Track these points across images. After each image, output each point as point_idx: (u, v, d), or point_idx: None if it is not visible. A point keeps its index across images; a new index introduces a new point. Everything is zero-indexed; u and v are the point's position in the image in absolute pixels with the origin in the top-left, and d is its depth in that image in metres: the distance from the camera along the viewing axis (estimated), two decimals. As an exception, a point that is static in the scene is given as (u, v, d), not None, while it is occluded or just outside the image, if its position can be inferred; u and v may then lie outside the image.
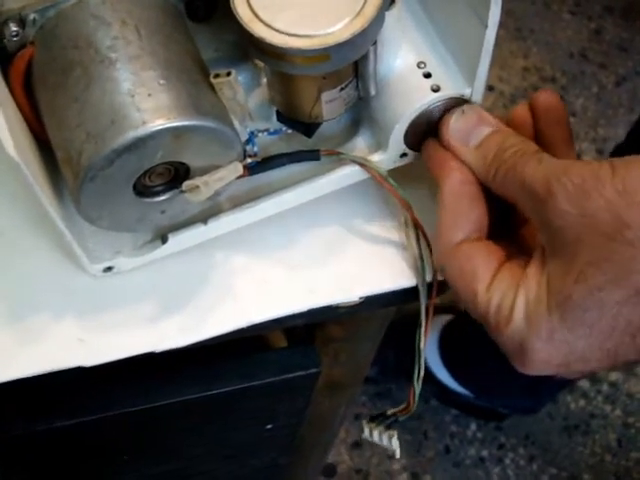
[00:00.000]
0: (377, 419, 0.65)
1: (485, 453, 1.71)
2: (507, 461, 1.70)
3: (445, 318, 1.63)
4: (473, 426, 1.72)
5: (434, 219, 0.61)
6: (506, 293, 0.52)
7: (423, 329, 0.60)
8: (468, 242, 0.55)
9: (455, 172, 0.56)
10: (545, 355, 0.51)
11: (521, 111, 0.57)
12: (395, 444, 0.65)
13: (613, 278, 0.47)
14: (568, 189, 0.49)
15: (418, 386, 0.61)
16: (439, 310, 1.55)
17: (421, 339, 0.60)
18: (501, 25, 0.54)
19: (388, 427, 0.65)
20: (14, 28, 0.52)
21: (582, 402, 1.75)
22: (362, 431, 0.66)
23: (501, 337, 0.53)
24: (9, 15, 0.52)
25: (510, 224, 0.56)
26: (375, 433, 0.65)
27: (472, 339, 1.50)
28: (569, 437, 1.72)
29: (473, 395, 1.65)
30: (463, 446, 1.71)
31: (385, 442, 0.65)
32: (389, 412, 0.64)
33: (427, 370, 1.63)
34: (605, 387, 1.75)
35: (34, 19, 0.53)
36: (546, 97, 0.57)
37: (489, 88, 1.94)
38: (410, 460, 1.69)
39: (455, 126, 0.57)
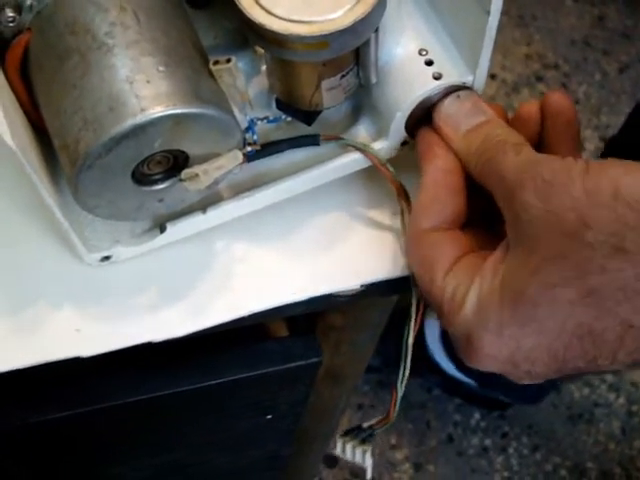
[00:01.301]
0: (352, 433, 0.62)
1: (489, 442, 1.70)
2: (511, 450, 1.70)
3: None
4: (477, 415, 1.72)
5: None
6: (462, 282, 0.51)
7: (413, 322, 0.57)
8: (436, 230, 0.54)
9: (440, 159, 0.55)
10: (492, 349, 0.50)
11: (529, 108, 0.56)
12: (368, 461, 0.62)
13: (568, 276, 0.46)
14: (537, 182, 0.48)
15: (401, 389, 0.58)
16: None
17: (410, 334, 0.57)
18: (503, 12, 0.53)
19: (363, 441, 0.62)
20: (10, 14, 0.52)
21: (586, 391, 1.75)
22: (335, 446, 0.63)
23: (451, 326, 0.52)
24: (5, 0, 0.52)
25: (494, 217, 0.55)
26: (348, 448, 0.62)
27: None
28: (573, 426, 1.72)
29: (477, 384, 1.65)
30: (466, 435, 1.71)
31: (358, 458, 0.62)
32: (365, 425, 0.61)
33: (430, 359, 1.62)
34: (609, 375, 1.75)
35: (31, 5, 0.52)
36: (557, 99, 0.55)
37: (491, 76, 1.93)
38: (413, 450, 1.69)
39: (448, 110, 0.56)
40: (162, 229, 0.58)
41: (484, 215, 0.55)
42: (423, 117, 0.57)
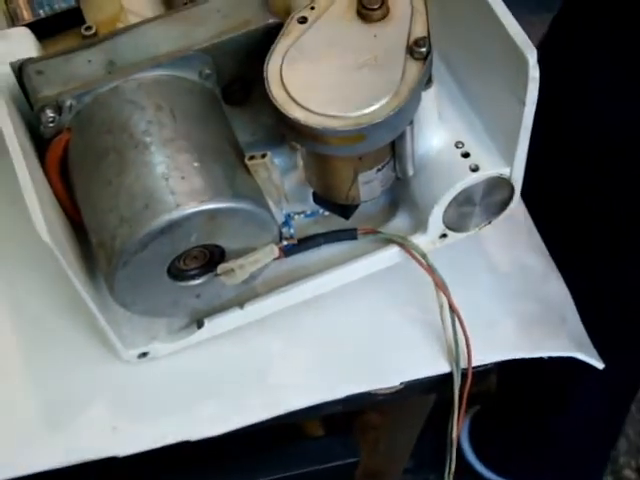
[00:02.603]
0: None
1: None
2: None
3: (472, 409, 1.59)
4: (517, 517, 1.67)
5: (472, 301, 0.60)
6: None
7: (456, 418, 0.58)
8: None
9: None
10: None
11: None
12: None
13: None
14: None
15: None
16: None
17: (453, 429, 0.58)
18: None
19: None
20: (51, 114, 0.53)
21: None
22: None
23: None
24: (46, 102, 0.52)
25: None
26: None
27: (502, 428, 1.46)
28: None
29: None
30: (509, 539, 1.65)
31: None
32: None
33: (465, 460, 1.59)
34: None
35: (70, 105, 0.53)
36: None
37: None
38: None
39: None
40: (199, 325, 0.58)
41: None
42: (461, 209, 0.57)
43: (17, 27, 0.57)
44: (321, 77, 0.52)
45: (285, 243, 0.56)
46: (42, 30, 0.58)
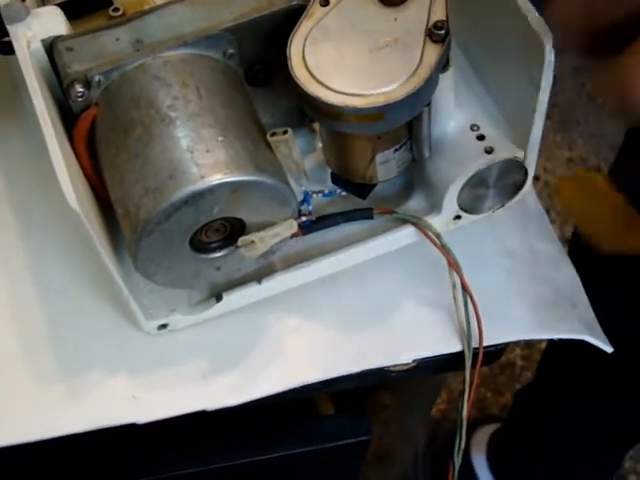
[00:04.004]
0: None
1: None
2: None
3: (492, 427, 1.58)
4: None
5: (484, 283, 0.61)
6: None
7: (466, 396, 0.59)
8: None
9: None
10: None
11: None
12: None
13: None
14: None
15: (458, 460, 0.60)
16: (485, 420, 1.51)
17: (464, 407, 0.59)
18: (546, 117, 0.55)
19: None
20: (80, 89, 0.54)
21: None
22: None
23: None
24: (75, 77, 0.54)
25: None
26: None
27: (522, 446, 1.45)
28: None
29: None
30: None
31: None
32: None
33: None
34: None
35: (99, 81, 0.55)
36: None
37: (535, 178, 1.94)
38: None
39: None
40: (218, 298, 0.59)
41: None
42: (475, 191, 0.59)
43: (48, 6, 0.58)
44: (342, 57, 0.54)
45: (304, 219, 0.58)
46: (71, 11, 0.59)
